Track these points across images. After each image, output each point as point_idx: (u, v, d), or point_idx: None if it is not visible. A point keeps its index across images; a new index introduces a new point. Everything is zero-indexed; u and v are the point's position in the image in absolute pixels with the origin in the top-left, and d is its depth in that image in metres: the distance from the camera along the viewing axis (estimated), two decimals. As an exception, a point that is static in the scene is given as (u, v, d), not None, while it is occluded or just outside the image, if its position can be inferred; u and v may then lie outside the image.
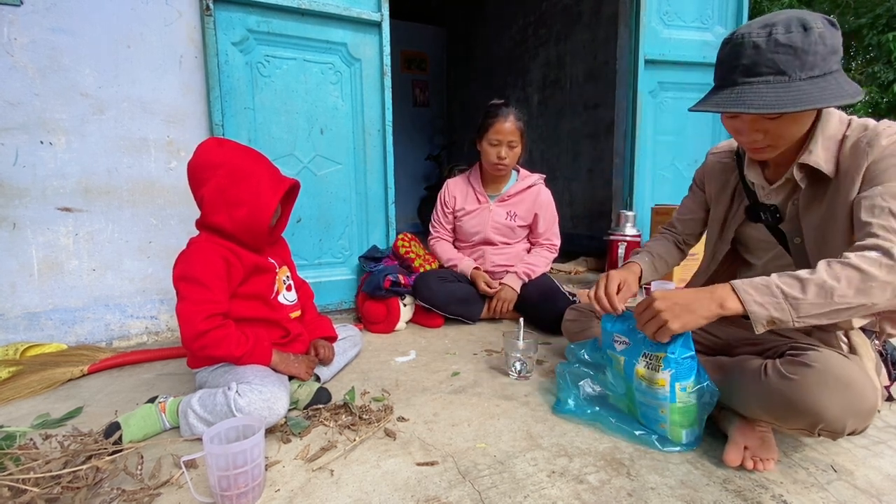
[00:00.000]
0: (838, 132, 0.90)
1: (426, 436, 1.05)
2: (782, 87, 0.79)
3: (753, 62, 0.81)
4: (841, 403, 0.79)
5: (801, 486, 0.86)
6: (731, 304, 0.84)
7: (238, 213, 1.14)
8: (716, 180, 1.18)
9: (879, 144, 0.84)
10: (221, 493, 0.79)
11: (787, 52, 0.78)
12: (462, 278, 1.98)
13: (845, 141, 0.89)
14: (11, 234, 1.56)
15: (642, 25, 2.50)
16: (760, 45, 0.80)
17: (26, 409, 1.22)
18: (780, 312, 0.80)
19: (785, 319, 0.80)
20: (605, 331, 1.09)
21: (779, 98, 0.78)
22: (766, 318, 0.81)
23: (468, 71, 5.99)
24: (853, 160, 0.87)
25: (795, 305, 0.79)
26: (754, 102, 0.80)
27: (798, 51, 0.78)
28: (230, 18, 1.79)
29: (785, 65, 0.79)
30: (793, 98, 0.78)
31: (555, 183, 4.35)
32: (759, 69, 0.81)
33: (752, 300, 0.81)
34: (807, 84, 0.78)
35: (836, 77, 0.80)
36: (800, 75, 0.79)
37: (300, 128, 1.97)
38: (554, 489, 0.86)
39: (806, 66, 0.78)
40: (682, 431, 0.96)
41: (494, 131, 1.87)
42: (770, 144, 0.90)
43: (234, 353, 1.09)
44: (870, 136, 0.86)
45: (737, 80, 0.83)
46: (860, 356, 0.93)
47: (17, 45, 1.52)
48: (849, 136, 0.89)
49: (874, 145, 0.84)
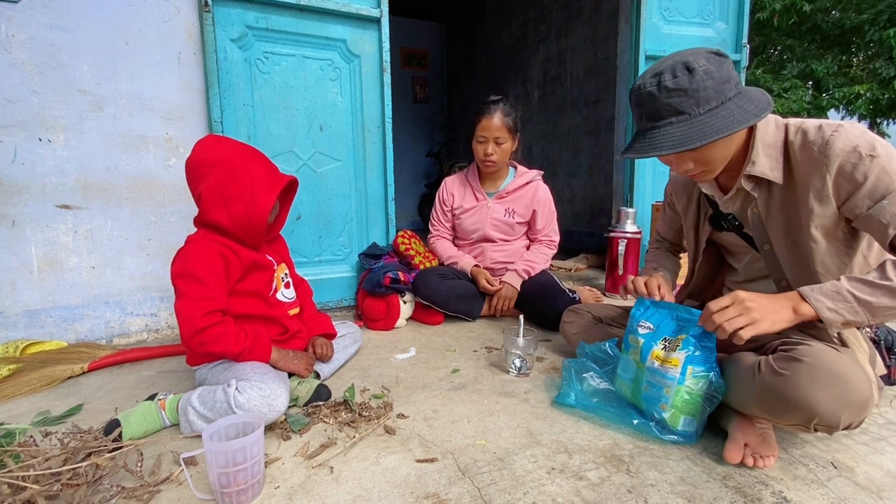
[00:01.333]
0: (777, 139, 0.94)
1: (426, 433, 1.05)
2: (686, 125, 0.85)
3: (653, 109, 0.88)
4: (833, 396, 0.80)
5: (801, 483, 0.86)
6: (804, 310, 0.86)
7: (235, 209, 1.14)
8: (681, 194, 1.23)
9: (834, 153, 0.86)
10: (221, 490, 0.79)
11: (679, 95, 0.85)
12: (462, 275, 1.98)
13: (791, 146, 0.92)
14: (11, 231, 1.56)
15: (643, 21, 2.49)
16: (654, 93, 0.87)
17: (26, 407, 1.22)
18: (854, 316, 0.84)
19: (860, 321, 0.84)
20: (633, 317, 1.11)
21: (684, 136, 0.84)
22: (842, 322, 0.85)
23: (468, 67, 5.97)
24: (808, 168, 0.90)
25: (869, 308, 0.83)
26: (664, 144, 0.86)
27: (689, 91, 0.84)
28: (229, 15, 1.78)
29: (681, 106, 0.85)
30: (698, 133, 0.83)
31: (555, 179, 4.34)
32: (660, 114, 0.87)
33: (824, 307, 0.85)
34: (707, 117, 0.84)
35: (735, 102, 0.85)
36: (698, 111, 0.84)
37: (299, 125, 1.97)
38: (553, 486, 0.86)
39: (701, 102, 0.84)
40: (681, 418, 0.97)
41: (481, 128, 1.88)
42: (704, 170, 0.94)
43: (233, 349, 1.09)
44: (819, 143, 0.88)
45: (646, 126, 0.90)
46: (852, 348, 0.93)
47: (15, 41, 1.51)
48: (792, 142, 0.92)
49: (828, 154, 0.87)
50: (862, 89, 6.00)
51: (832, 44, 6.60)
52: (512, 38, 4.98)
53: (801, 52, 6.56)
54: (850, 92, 6.05)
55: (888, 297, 0.82)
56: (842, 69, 6.44)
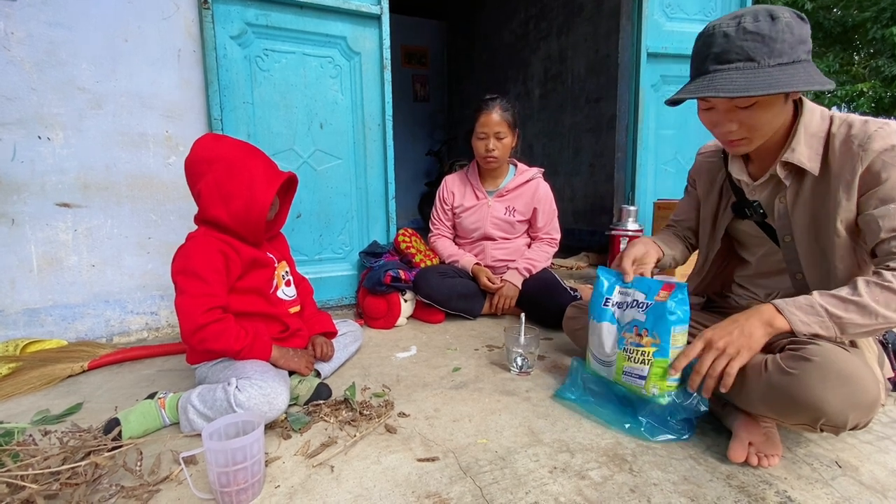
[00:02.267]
0: (821, 129, 0.91)
1: (427, 431, 1.04)
2: (751, 73, 0.81)
3: (724, 50, 0.83)
4: (842, 397, 0.79)
5: (805, 482, 0.86)
6: (778, 323, 0.86)
7: (234, 205, 1.13)
8: (704, 179, 1.19)
9: (872, 148, 0.84)
10: (221, 490, 0.79)
11: (755, 40, 0.81)
12: (463, 274, 1.97)
13: (832, 139, 0.90)
14: (10, 229, 1.55)
15: (644, 18, 2.48)
16: (730, 33, 0.83)
17: (26, 406, 1.22)
18: (824, 330, 0.84)
19: (829, 336, 0.84)
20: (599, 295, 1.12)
21: (748, 82, 0.80)
22: (811, 335, 0.85)
23: (469, 65, 5.96)
24: (844, 161, 0.88)
25: (840, 324, 0.83)
26: (724, 87, 0.82)
27: (766, 38, 0.80)
28: (228, 12, 1.77)
29: (753, 52, 0.81)
30: (762, 82, 0.80)
31: (556, 178, 4.33)
32: (728, 56, 0.83)
33: (798, 320, 0.85)
34: (776, 70, 0.80)
35: (804, 66, 0.82)
36: (768, 62, 0.81)
37: (300, 122, 1.96)
38: (556, 485, 0.85)
39: (774, 54, 0.81)
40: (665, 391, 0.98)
41: (480, 124, 1.88)
42: (745, 137, 0.90)
43: (234, 346, 1.09)
44: (860, 137, 0.86)
45: (708, 69, 0.86)
46: (861, 349, 0.92)
47: (14, 39, 1.50)
48: (835, 134, 0.89)
49: (867, 148, 0.85)
50: (864, 87, 5.98)
51: (834, 41, 6.57)
52: (513, 35, 4.96)
53: (803, 50, 6.53)
54: (852, 90, 6.03)
55: (857, 313, 0.82)
56: (844, 67, 6.42)
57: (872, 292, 0.81)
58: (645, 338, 1.00)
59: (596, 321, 1.12)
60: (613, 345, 1.07)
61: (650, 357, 0.99)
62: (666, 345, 0.96)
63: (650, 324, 0.99)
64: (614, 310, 1.09)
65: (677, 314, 0.96)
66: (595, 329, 1.13)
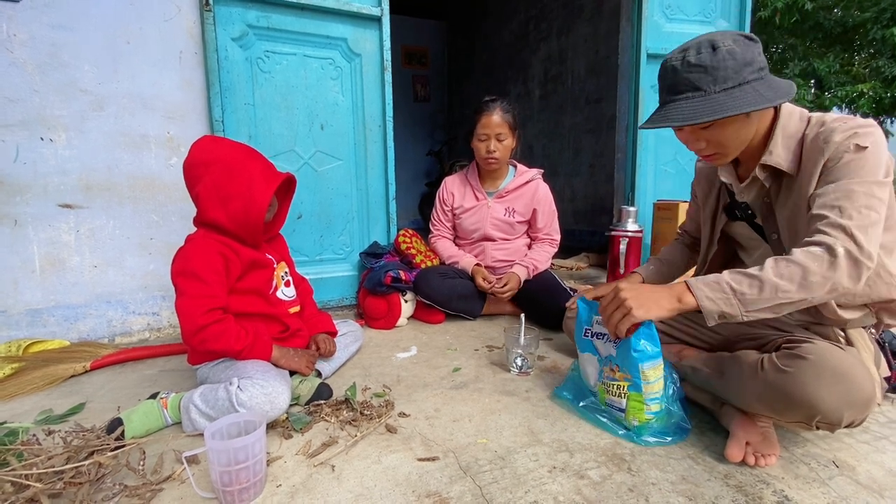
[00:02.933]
0: (798, 131, 0.94)
1: (427, 431, 1.05)
2: (699, 101, 0.87)
3: (673, 83, 0.91)
4: (837, 395, 0.80)
5: (802, 482, 0.86)
6: (687, 299, 0.89)
7: (233, 207, 1.14)
8: (703, 184, 1.23)
9: (833, 141, 0.87)
10: (223, 489, 0.80)
11: (698, 71, 0.87)
12: (463, 274, 1.98)
13: (805, 138, 0.93)
14: (13, 230, 1.56)
15: (644, 19, 2.48)
16: (677, 67, 0.90)
17: (29, 405, 1.22)
18: (729, 307, 0.86)
19: (734, 314, 0.86)
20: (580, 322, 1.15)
21: (695, 110, 0.87)
22: (718, 313, 0.87)
23: (469, 66, 5.96)
24: (812, 156, 0.91)
25: (743, 301, 0.85)
26: (675, 116, 0.89)
27: (708, 68, 0.86)
28: (229, 13, 1.78)
29: (699, 82, 0.87)
30: (708, 109, 0.86)
31: (556, 178, 4.34)
32: (678, 88, 0.90)
33: (703, 296, 0.87)
34: (722, 95, 0.86)
35: (753, 85, 0.86)
36: (714, 89, 0.87)
37: (300, 124, 1.97)
38: (555, 484, 0.86)
39: (718, 80, 0.86)
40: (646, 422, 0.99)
41: (481, 126, 1.88)
42: (717, 152, 0.96)
43: (234, 347, 1.09)
44: (825, 132, 0.89)
45: (665, 100, 0.93)
46: (857, 347, 0.93)
47: (17, 41, 1.51)
48: (808, 134, 0.93)
49: (829, 141, 0.87)
50: (865, 88, 5.98)
51: (834, 42, 6.57)
52: (513, 36, 4.97)
53: (804, 51, 6.53)
54: (852, 90, 6.03)
55: (759, 289, 0.83)
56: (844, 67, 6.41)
57: (777, 268, 0.84)
58: (618, 373, 1.01)
59: (580, 351, 1.15)
60: (596, 377, 1.10)
61: (625, 391, 1.01)
62: (638, 381, 0.97)
63: (620, 360, 1.01)
64: (594, 340, 1.09)
65: (643, 351, 0.95)
66: (580, 359, 1.16)
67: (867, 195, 0.83)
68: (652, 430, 0.99)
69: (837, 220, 0.83)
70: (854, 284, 0.82)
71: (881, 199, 0.84)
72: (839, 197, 0.84)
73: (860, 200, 0.83)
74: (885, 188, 0.84)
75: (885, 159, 0.85)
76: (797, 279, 0.82)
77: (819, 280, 0.81)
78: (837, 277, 0.81)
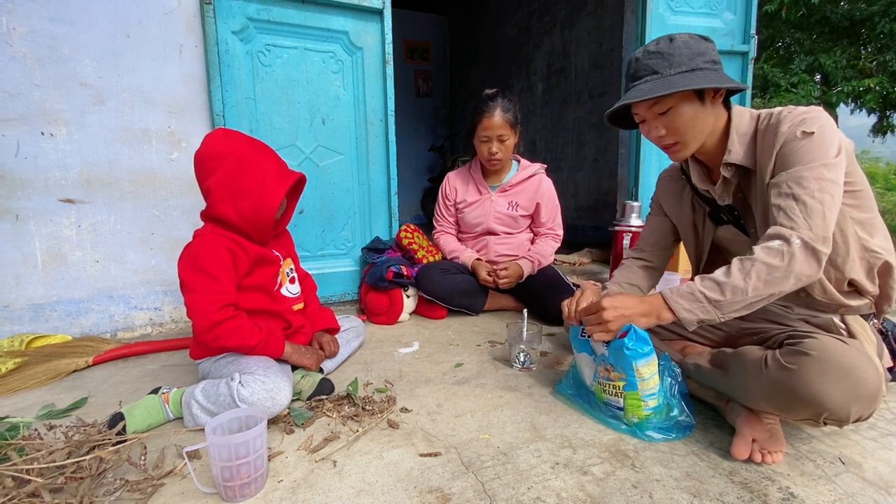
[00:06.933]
0: (750, 128, 0.99)
1: (429, 427, 1.05)
2: (656, 82, 0.95)
3: (636, 70, 0.99)
4: (843, 390, 0.79)
5: (808, 479, 0.86)
6: (665, 315, 0.94)
7: (243, 204, 1.13)
8: (670, 197, 1.25)
9: (781, 131, 0.91)
10: (224, 484, 0.79)
11: (656, 57, 0.96)
12: (465, 270, 1.97)
13: (757, 133, 0.98)
14: (14, 225, 1.56)
15: (649, 12, 2.45)
16: (639, 56, 0.99)
17: (31, 400, 1.23)
18: (706, 314, 0.90)
19: (711, 318, 0.90)
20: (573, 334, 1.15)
21: (652, 88, 0.94)
22: (696, 321, 0.91)
23: (471, 60, 5.93)
24: (765, 149, 0.95)
25: (718, 306, 0.89)
26: (634, 95, 0.96)
27: (664, 54, 0.95)
28: (230, 7, 1.77)
29: (656, 66, 0.96)
30: (663, 86, 0.93)
31: (559, 173, 4.31)
32: (639, 73, 0.98)
33: (681, 308, 0.92)
34: (676, 77, 0.94)
35: (704, 72, 0.94)
36: (669, 72, 0.94)
37: (302, 118, 1.95)
38: (558, 481, 0.85)
39: (673, 65, 0.94)
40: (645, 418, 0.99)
41: (482, 128, 1.85)
42: (676, 141, 1.00)
43: (248, 342, 1.09)
44: (773, 124, 0.94)
45: (628, 86, 1.02)
46: (860, 339, 0.92)
47: (16, 34, 1.50)
48: (759, 129, 0.98)
49: (777, 132, 0.92)
50: (871, 83, 5.91)
51: (841, 36, 6.49)
52: (515, 29, 4.93)
53: (810, 45, 6.46)
54: (858, 85, 5.96)
55: (731, 293, 0.87)
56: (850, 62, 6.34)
57: (743, 269, 0.87)
58: (612, 373, 1.01)
59: (576, 352, 1.14)
60: (592, 377, 1.09)
61: (621, 391, 1.01)
62: (633, 379, 0.97)
63: (613, 359, 1.00)
64: (591, 341, 1.08)
65: (634, 350, 0.96)
66: (577, 359, 1.15)
67: (817, 179, 0.86)
68: (653, 424, 0.99)
69: (791, 208, 0.86)
70: (814, 272, 0.85)
71: (832, 181, 0.86)
72: (791, 185, 0.87)
73: (811, 185, 0.86)
74: (835, 168, 0.86)
75: (836, 140, 0.88)
76: (763, 277, 0.86)
77: (782, 274, 0.85)
78: (798, 268, 0.85)
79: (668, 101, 0.96)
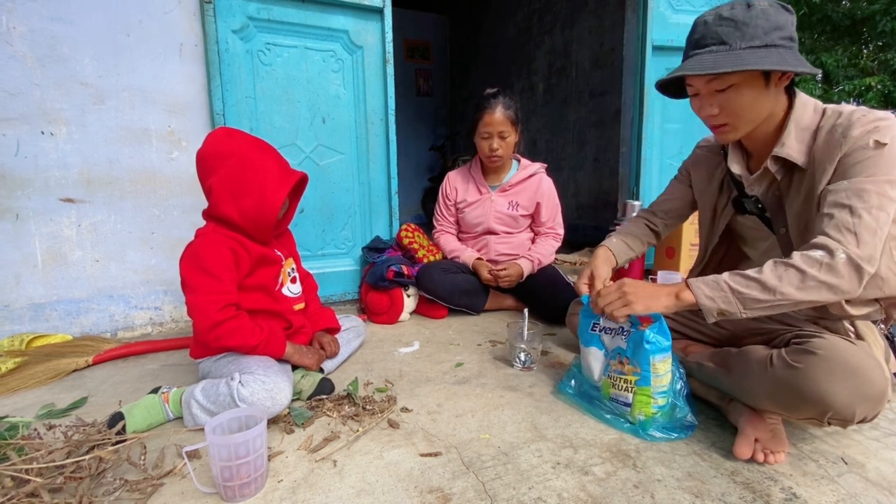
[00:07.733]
0: (812, 122, 0.91)
1: (430, 427, 1.04)
2: (723, 55, 0.85)
3: (701, 36, 0.89)
4: (849, 390, 0.79)
5: (810, 479, 0.85)
6: (685, 297, 0.91)
7: (245, 203, 1.13)
8: (702, 169, 1.20)
9: (851, 135, 0.84)
10: (224, 484, 0.79)
11: (728, 25, 0.85)
12: (466, 269, 1.97)
13: (819, 131, 0.90)
14: (14, 225, 1.56)
15: (650, 10, 2.44)
16: (708, 20, 0.88)
17: (31, 400, 1.22)
18: (727, 305, 0.87)
19: (733, 311, 0.87)
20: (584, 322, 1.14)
21: (717, 62, 0.85)
22: (717, 310, 0.88)
23: (472, 59, 5.92)
24: (827, 149, 0.88)
25: (741, 300, 0.85)
26: (695, 67, 0.87)
27: (738, 23, 0.84)
28: (230, 5, 1.76)
29: (726, 36, 0.85)
30: (730, 62, 0.83)
31: (560, 173, 4.30)
32: (705, 41, 0.88)
33: (703, 294, 0.88)
34: (746, 52, 0.84)
35: (778, 51, 0.84)
36: (740, 45, 0.84)
37: (302, 117, 1.95)
38: (559, 481, 0.85)
39: (746, 37, 0.84)
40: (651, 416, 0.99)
41: (483, 124, 1.86)
42: (728, 122, 0.92)
43: (249, 342, 1.09)
44: (844, 125, 0.86)
45: (688, 54, 0.91)
46: (867, 342, 0.91)
47: (16, 34, 1.50)
48: (822, 126, 0.90)
49: (847, 136, 0.85)
50: (872, 81, 5.90)
51: (842, 34, 6.48)
52: (516, 29, 4.92)
53: (811, 44, 6.45)
54: (860, 84, 5.95)
55: (758, 290, 0.84)
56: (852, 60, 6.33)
57: (776, 271, 0.84)
58: (626, 366, 1.01)
59: (584, 346, 1.13)
60: (601, 372, 1.08)
61: (633, 385, 1.00)
62: (647, 374, 0.97)
63: (630, 352, 1.00)
64: (602, 335, 1.08)
65: (655, 343, 0.96)
66: (584, 354, 1.13)
67: (879, 195, 0.80)
68: (657, 424, 0.98)
69: (845, 220, 0.81)
70: (853, 289, 0.81)
71: (892, 199, 0.81)
72: (850, 195, 0.82)
73: (872, 200, 0.80)
74: None
75: None
76: (795, 283, 0.82)
77: (816, 285, 0.81)
78: (836, 283, 0.81)
79: (731, 78, 0.86)
